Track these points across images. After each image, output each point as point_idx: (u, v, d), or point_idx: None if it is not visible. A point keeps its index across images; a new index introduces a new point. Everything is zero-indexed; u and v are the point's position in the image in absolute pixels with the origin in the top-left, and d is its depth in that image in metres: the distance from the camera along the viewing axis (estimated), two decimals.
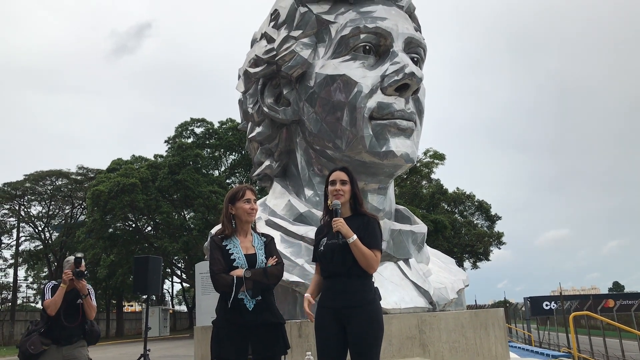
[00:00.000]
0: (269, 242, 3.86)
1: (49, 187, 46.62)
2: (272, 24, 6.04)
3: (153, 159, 41.46)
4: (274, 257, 3.74)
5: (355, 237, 3.47)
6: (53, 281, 5.79)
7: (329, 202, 3.75)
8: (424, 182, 46.73)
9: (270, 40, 5.93)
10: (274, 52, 5.80)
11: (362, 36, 5.48)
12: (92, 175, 44.59)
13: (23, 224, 48.24)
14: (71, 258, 5.67)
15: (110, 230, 38.45)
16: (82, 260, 5.66)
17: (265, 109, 6.01)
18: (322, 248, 3.64)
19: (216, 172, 42.58)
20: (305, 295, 3.67)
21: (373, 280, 3.66)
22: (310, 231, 5.46)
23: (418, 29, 6.21)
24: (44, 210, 48.41)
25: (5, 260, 50.30)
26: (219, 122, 41.75)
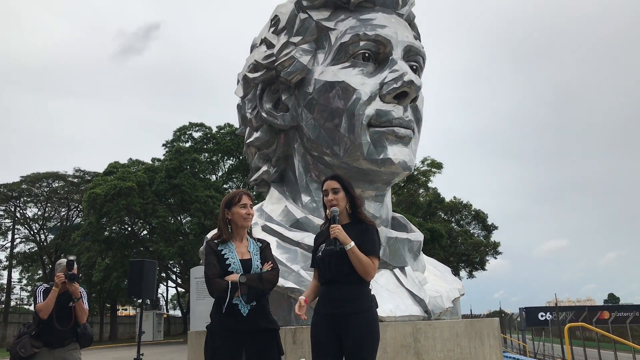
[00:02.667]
0: (264, 247, 3.85)
1: (45, 189, 46.49)
2: (272, 29, 6.05)
3: (150, 162, 41.42)
4: (270, 262, 3.73)
5: (352, 244, 3.47)
6: (45, 284, 5.76)
7: (327, 212, 3.75)
8: (421, 191, 46.76)
9: (270, 45, 5.94)
10: (274, 58, 5.81)
11: (361, 43, 5.49)
12: (88, 178, 44.48)
13: (18, 226, 48.11)
14: (63, 261, 5.64)
15: (106, 233, 38.31)
16: (74, 263, 5.63)
17: (264, 114, 6.01)
18: (320, 254, 3.64)
19: (213, 177, 42.53)
20: (300, 297, 3.66)
21: (370, 287, 3.65)
22: (306, 237, 5.45)
23: (417, 37, 6.23)
24: (39, 212, 48.26)
25: (0, 261, 50.10)
26: (217, 127, 41.77)
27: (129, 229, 40.62)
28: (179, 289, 52.39)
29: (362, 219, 3.75)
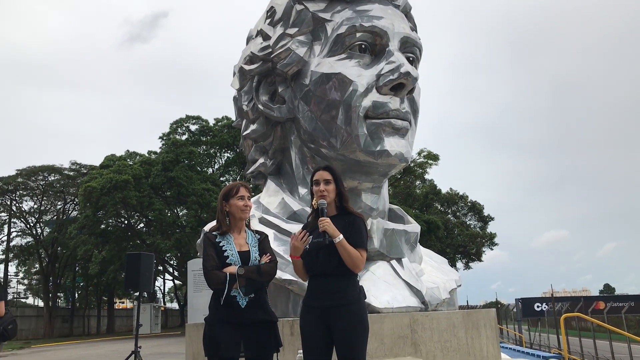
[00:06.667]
0: (262, 239, 3.85)
1: (41, 183, 46.33)
2: (268, 21, 6.03)
3: (147, 155, 41.30)
4: (268, 254, 3.73)
5: (341, 236, 3.45)
6: None
7: (313, 201, 3.73)
8: (417, 182, 46.82)
9: (266, 37, 5.92)
10: (270, 50, 5.79)
11: (358, 35, 5.47)
12: (84, 171, 44.33)
13: (14, 219, 47.96)
14: None
15: (102, 226, 38.27)
16: None
17: (260, 107, 5.99)
18: (307, 246, 3.62)
19: (210, 170, 42.46)
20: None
21: (358, 279, 3.65)
22: None
23: (414, 28, 6.22)
24: (35, 206, 48.14)
25: None
26: (214, 119, 41.65)
27: (126, 222, 40.57)
28: (176, 281, 52.45)
29: (350, 210, 3.72)
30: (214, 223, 3.96)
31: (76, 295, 56.47)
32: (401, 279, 5.45)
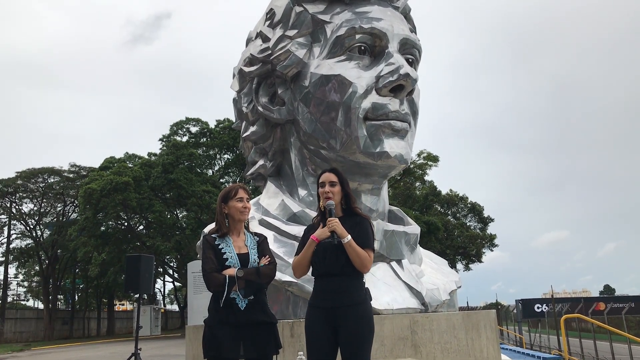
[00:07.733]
0: (261, 241, 3.86)
1: (41, 185, 46.31)
2: (267, 23, 6.03)
3: (147, 157, 41.30)
4: (267, 256, 3.73)
5: (349, 237, 3.49)
6: None
7: (320, 203, 3.75)
8: (417, 184, 46.80)
9: (266, 39, 5.92)
10: (269, 51, 5.80)
11: (357, 36, 5.47)
12: (84, 173, 44.34)
13: (14, 222, 47.92)
14: None
15: (102, 228, 38.23)
16: None
17: (260, 108, 5.99)
18: (314, 247, 3.63)
19: (210, 172, 42.45)
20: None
21: (364, 280, 3.66)
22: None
23: (413, 30, 6.22)
24: (35, 208, 48.11)
25: None
26: (216, 121, 41.63)
27: (126, 224, 40.53)
28: (176, 283, 52.39)
29: (356, 212, 3.76)
30: (213, 225, 3.96)
31: (76, 297, 56.46)
32: (401, 281, 5.45)
